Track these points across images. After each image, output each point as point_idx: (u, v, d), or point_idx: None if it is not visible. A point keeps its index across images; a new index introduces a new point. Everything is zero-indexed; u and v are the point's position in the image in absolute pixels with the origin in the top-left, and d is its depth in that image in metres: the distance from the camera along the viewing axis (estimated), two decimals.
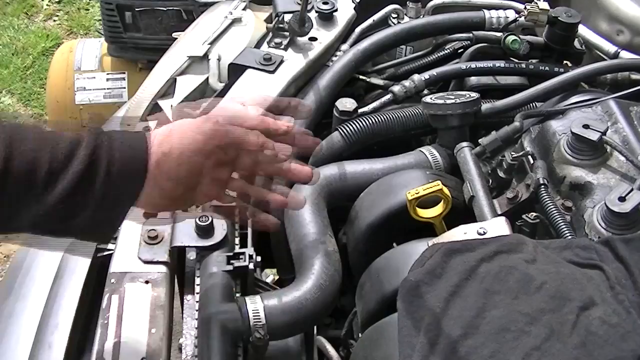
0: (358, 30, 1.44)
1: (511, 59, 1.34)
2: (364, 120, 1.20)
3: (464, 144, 1.10)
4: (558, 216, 0.95)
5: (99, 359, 0.95)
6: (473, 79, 1.33)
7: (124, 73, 2.19)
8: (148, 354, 0.95)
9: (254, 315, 0.89)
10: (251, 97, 0.92)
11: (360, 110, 1.25)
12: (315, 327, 1.04)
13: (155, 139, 0.83)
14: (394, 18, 1.47)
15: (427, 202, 0.99)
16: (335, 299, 0.95)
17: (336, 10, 1.41)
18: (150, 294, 1.02)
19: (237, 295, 0.98)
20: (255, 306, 0.90)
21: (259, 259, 1.03)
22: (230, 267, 1.00)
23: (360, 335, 0.98)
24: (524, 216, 0.98)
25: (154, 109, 1.32)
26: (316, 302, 0.92)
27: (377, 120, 1.22)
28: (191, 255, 1.06)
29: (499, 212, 1.00)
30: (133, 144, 0.82)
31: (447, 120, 1.15)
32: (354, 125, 1.19)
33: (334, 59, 1.36)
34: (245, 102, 0.91)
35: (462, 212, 1.02)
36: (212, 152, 0.84)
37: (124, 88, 1.76)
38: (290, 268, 1.01)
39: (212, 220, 1.02)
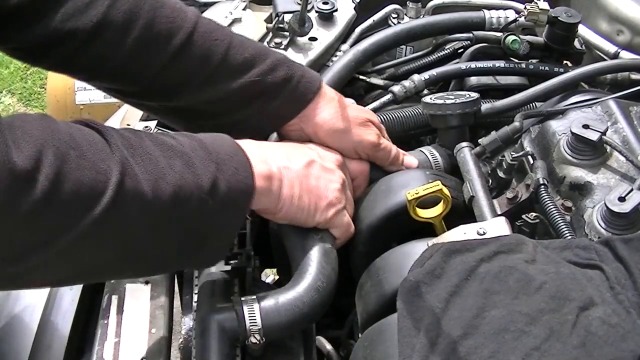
0: (358, 30, 1.44)
1: (511, 59, 1.34)
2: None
3: (464, 144, 1.10)
4: (558, 216, 0.95)
5: (99, 359, 0.95)
6: (473, 79, 1.33)
7: None
8: (148, 354, 0.95)
9: (249, 317, 0.89)
10: None
11: None
12: (315, 327, 1.04)
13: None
14: (394, 18, 1.47)
15: (427, 202, 0.99)
16: (332, 297, 0.95)
17: (336, 10, 1.41)
18: (151, 294, 1.02)
19: (236, 295, 0.98)
20: (251, 307, 0.90)
21: (257, 259, 1.04)
22: (228, 267, 1.00)
23: (360, 335, 0.98)
24: (523, 216, 0.98)
25: None
26: (313, 303, 0.91)
27: None
28: None
29: (499, 212, 1.00)
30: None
31: (447, 120, 1.15)
32: None
33: (334, 59, 1.36)
34: None
35: (462, 212, 1.02)
36: None
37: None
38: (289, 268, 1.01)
39: None
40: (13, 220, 0.68)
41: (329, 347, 1.09)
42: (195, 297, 0.97)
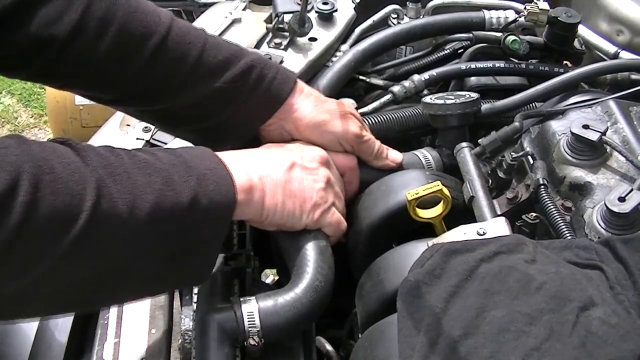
0: (358, 30, 1.44)
1: (511, 59, 1.34)
2: (364, 121, 1.20)
3: (464, 144, 1.10)
4: (558, 216, 0.95)
5: (99, 359, 0.95)
6: (473, 79, 1.33)
7: None
8: (148, 355, 0.95)
9: (248, 318, 0.89)
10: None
11: (360, 111, 1.25)
12: (315, 327, 1.04)
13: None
14: (393, 18, 1.47)
15: (427, 202, 0.99)
16: (330, 296, 0.95)
17: (336, 10, 1.41)
18: None
19: (236, 295, 0.98)
20: (250, 308, 0.90)
21: (257, 259, 1.04)
22: (228, 268, 1.00)
23: (360, 335, 0.98)
24: (523, 216, 0.98)
25: None
26: (312, 303, 0.91)
27: (376, 120, 1.22)
28: None
29: (499, 213, 1.00)
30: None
31: (447, 121, 1.15)
32: None
33: (334, 59, 1.36)
34: None
35: (462, 212, 1.02)
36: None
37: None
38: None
39: None
40: None
41: (329, 347, 1.08)
42: (195, 298, 0.97)
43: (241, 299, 0.91)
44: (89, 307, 0.95)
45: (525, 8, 1.33)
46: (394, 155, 1.12)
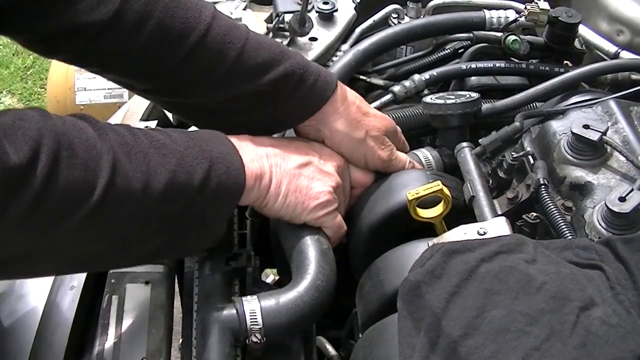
0: (358, 30, 1.44)
1: (511, 59, 1.34)
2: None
3: (464, 144, 1.10)
4: (558, 216, 0.95)
5: (99, 359, 0.95)
6: (473, 79, 1.33)
7: None
8: (148, 354, 0.95)
9: (250, 316, 0.89)
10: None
11: None
12: (315, 327, 1.04)
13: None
14: (394, 18, 1.46)
15: (427, 202, 0.99)
16: (332, 298, 0.95)
17: (336, 10, 1.40)
18: (151, 294, 1.02)
19: (236, 295, 0.98)
20: (252, 307, 0.90)
21: (257, 259, 1.04)
22: (228, 268, 1.00)
23: (360, 335, 0.98)
24: (524, 216, 0.98)
25: (154, 108, 1.32)
26: (313, 303, 0.91)
27: None
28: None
29: (499, 212, 1.00)
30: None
31: (447, 120, 1.15)
32: None
33: (334, 59, 1.36)
34: None
35: (462, 212, 1.02)
36: None
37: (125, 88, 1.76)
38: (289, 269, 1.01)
39: None
40: (8, 216, 0.71)
41: (329, 347, 1.08)
42: (195, 297, 0.97)
43: (243, 298, 0.92)
44: (94, 270, 1.05)
45: (525, 8, 1.33)
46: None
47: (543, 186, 0.99)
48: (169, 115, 1.30)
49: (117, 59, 0.95)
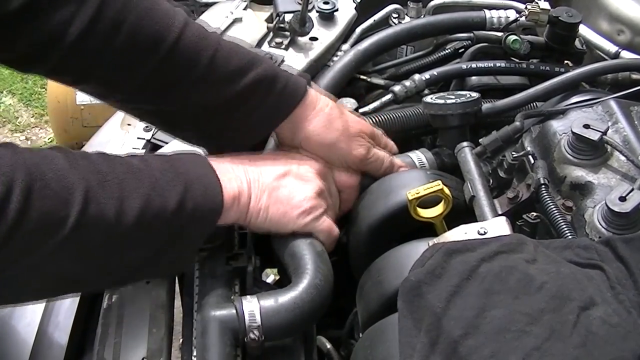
0: (359, 30, 1.44)
1: (512, 58, 1.34)
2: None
3: (465, 143, 1.10)
4: (558, 216, 0.95)
5: (99, 359, 0.95)
6: (474, 79, 1.33)
7: None
8: (148, 354, 0.95)
9: (249, 316, 0.89)
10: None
11: (360, 110, 1.25)
12: (315, 327, 1.04)
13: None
14: (394, 18, 1.47)
15: (428, 202, 0.99)
16: (331, 298, 0.95)
17: (337, 10, 1.40)
18: (151, 294, 1.02)
19: (236, 295, 0.98)
20: (251, 306, 0.90)
21: (258, 259, 1.04)
22: (229, 268, 1.00)
23: (360, 335, 0.98)
24: (524, 216, 0.98)
25: None
26: (312, 302, 0.91)
27: (377, 120, 1.22)
28: None
29: (500, 212, 1.00)
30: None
31: (448, 120, 1.15)
32: None
33: (335, 58, 1.36)
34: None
35: (462, 212, 1.02)
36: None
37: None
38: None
39: None
40: None
41: (329, 346, 1.08)
42: (196, 297, 0.97)
43: (242, 298, 0.92)
44: (74, 293, 1.05)
45: (526, 8, 1.33)
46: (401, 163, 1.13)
47: (543, 186, 0.99)
48: None
49: (93, 69, 0.97)
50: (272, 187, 0.98)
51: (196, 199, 0.89)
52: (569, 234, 0.93)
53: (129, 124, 1.27)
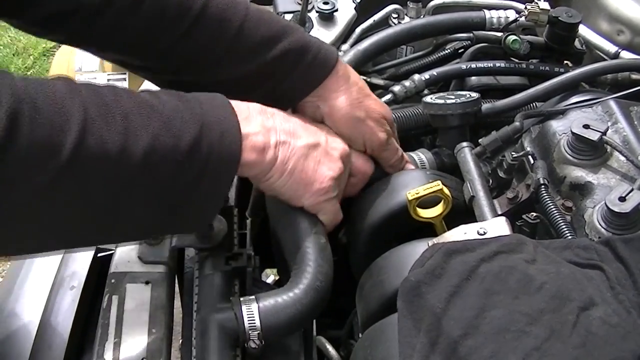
0: (358, 30, 1.44)
1: (512, 59, 1.34)
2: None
3: (464, 144, 1.10)
4: (558, 216, 0.95)
5: (99, 359, 0.95)
6: (473, 79, 1.33)
7: (125, 73, 2.18)
8: (148, 354, 0.95)
9: (248, 317, 0.89)
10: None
11: None
12: (315, 327, 1.04)
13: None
14: (394, 18, 1.47)
15: (428, 202, 0.99)
16: (330, 293, 0.94)
17: (336, 10, 1.40)
18: (151, 294, 1.02)
19: (236, 295, 0.98)
20: (250, 308, 0.90)
21: (257, 259, 1.04)
22: (228, 268, 1.00)
23: (360, 335, 0.98)
24: (524, 216, 0.98)
25: None
26: (312, 303, 0.91)
27: None
28: (190, 255, 1.06)
29: (499, 212, 1.00)
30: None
31: (447, 120, 1.15)
32: None
33: None
34: None
35: (462, 212, 1.02)
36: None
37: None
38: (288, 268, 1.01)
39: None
40: None
41: (329, 347, 1.08)
42: (195, 298, 0.97)
43: (241, 299, 0.92)
44: (81, 244, 0.98)
45: (525, 8, 1.33)
46: (409, 168, 1.12)
47: (543, 186, 0.99)
48: None
49: (114, 39, 0.94)
50: (301, 154, 0.94)
51: (212, 143, 0.82)
52: (568, 234, 0.94)
53: None
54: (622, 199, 0.91)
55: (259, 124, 0.90)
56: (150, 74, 1.04)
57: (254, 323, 0.89)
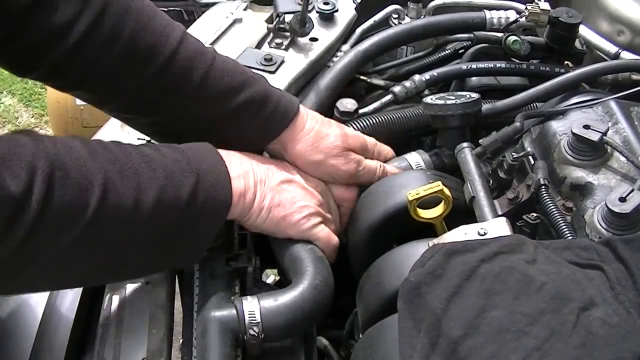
0: (359, 30, 1.44)
1: (512, 59, 1.34)
2: (365, 121, 1.21)
3: (465, 144, 1.10)
4: (559, 217, 0.95)
5: (99, 359, 0.95)
6: (474, 80, 1.33)
7: None
8: (148, 354, 0.95)
9: (249, 316, 0.89)
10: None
11: (361, 111, 1.25)
12: (315, 327, 1.04)
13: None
14: (394, 18, 1.47)
15: (428, 202, 0.99)
16: (331, 301, 0.95)
17: (337, 10, 1.40)
18: (151, 294, 1.02)
19: (237, 295, 0.98)
20: (251, 307, 0.90)
21: (258, 259, 1.04)
22: (229, 268, 1.00)
23: (360, 335, 0.98)
24: (524, 217, 0.98)
25: None
26: (313, 302, 0.92)
27: (377, 120, 1.22)
28: None
29: (500, 213, 1.00)
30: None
31: (448, 121, 1.15)
32: (354, 126, 1.20)
33: (335, 59, 1.36)
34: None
35: (462, 212, 1.02)
36: None
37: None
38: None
39: None
40: (10, 240, 0.75)
41: (329, 347, 1.08)
42: (196, 298, 0.97)
43: (243, 298, 0.92)
44: (89, 284, 1.05)
45: (526, 8, 1.33)
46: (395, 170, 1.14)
47: (543, 186, 0.99)
48: None
49: (87, 77, 0.97)
50: (277, 190, 1.00)
51: (207, 190, 0.90)
52: (569, 235, 0.93)
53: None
54: (622, 200, 0.91)
55: (239, 168, 0.97)
56: (121, 115, 1.08)
57: (256, 323, 0.89)
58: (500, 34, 1.36)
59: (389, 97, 1.29)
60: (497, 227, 0.91)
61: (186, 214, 0.88)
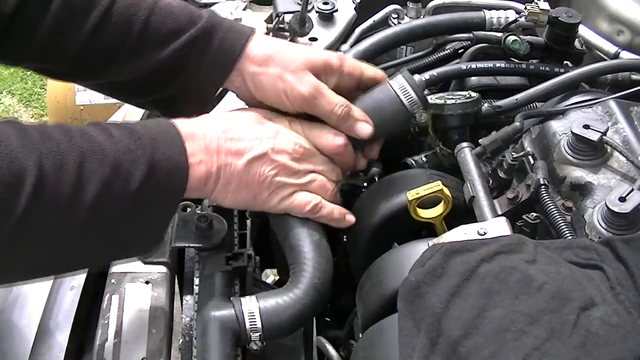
0: (358, 30, 1.44)
1: (511, 59, 1.34)
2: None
3: (465, 144, 1.10)
4: (558, 216, 0.95)
5: (99, 359, 0.95)
6: (473, 79, 1.33)
7: None
8: (148, 354, 0.95)
9: (249, 317, 0.89)
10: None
11: None
12: (315, 327, 1.04)
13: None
14: (394, 18, 1.47)
15: (428, 202, 0.99)
16: (330, 289, 0.95)
17: (336, 10, 1.41)
18: (151, 294, 1.02)
19: (237, 295, 0.98)
20: (251, 306, 0.90)
21: (257, 259, 1.04)
22: (229, 268, 1.00)
23: (360, 335, 0.98)
24: (524, 216, 0.98)
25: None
26: (312, 302, 0.92)
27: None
28: (190, 255, 1.06)
29: (500, 213, 1.00)
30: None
31: (447, 121, 1.15)
32: None
33: None
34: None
35: (462, 212, 1.02)
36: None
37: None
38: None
39: (211, 221, 1.02)
40: None
41: (329, 347, 1.08)
42: (195, 298, 0.97)
43: (242, 298, 0.92)
44: (43, 276, 0.99)
45: (525, 8, 1.33)
46: (364, 118, 1.02)
47: (543, 186, 0.99)
48: None
49: (29, 44, 0.95)
50: (244, 172, 0.94)
51: (159, 181, 0.86)
52: (568, 235, 0.94)
53: None
54: (622, 199, 0.91)
55: (202, 152, 0.91)
56: (69, 79, 1.05)
57: (255, 322, 0.89)
58: (499, 34, 1.35)
59: None
60: (497, 226, 0.91)
61: (135, 206, 0.84)
